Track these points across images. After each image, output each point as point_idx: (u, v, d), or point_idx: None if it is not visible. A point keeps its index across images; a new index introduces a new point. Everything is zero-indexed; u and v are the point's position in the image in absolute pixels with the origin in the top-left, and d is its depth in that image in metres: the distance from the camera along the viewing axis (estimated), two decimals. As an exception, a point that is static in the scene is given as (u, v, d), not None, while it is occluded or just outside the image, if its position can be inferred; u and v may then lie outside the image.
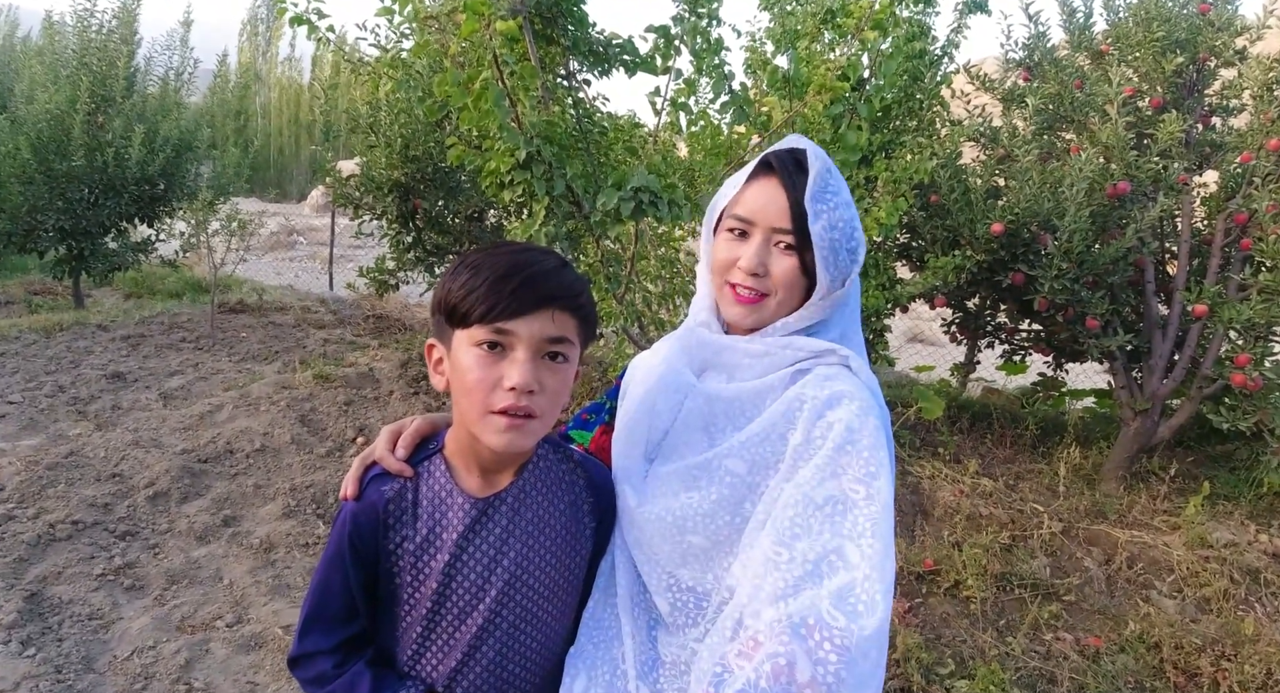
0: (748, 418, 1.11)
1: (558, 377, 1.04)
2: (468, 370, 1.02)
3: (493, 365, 1.01)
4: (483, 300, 0.99)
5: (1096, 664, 2.86)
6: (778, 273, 1.11)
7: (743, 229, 1.13)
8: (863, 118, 2.90)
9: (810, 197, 1.08)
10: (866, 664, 0.87)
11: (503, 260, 1.02)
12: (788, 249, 1.10)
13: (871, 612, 0.89)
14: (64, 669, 2.54)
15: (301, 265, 12.11)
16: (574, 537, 1.18)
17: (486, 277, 1.00)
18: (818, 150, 1.12)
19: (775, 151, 1.15)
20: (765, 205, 1.11)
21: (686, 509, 1.08)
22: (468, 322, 1.01)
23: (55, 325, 6.31)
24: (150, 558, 3.24)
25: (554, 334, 1.02)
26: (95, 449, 3.99)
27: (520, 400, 1.00)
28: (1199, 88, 4.28)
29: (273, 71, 28.75)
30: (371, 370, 5.34)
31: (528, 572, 1.12)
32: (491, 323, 1.00)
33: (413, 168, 5.89)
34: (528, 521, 1.13)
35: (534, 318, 1.00)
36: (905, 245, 4.93)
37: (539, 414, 1.03)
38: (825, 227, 1.09)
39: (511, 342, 1.01)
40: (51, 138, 6.81)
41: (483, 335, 1.01)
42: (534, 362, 1.01)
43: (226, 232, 6.67)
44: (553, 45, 2.28)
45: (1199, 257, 4.18)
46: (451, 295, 1.03)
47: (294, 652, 1.13)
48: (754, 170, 1.15)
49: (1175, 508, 3.94)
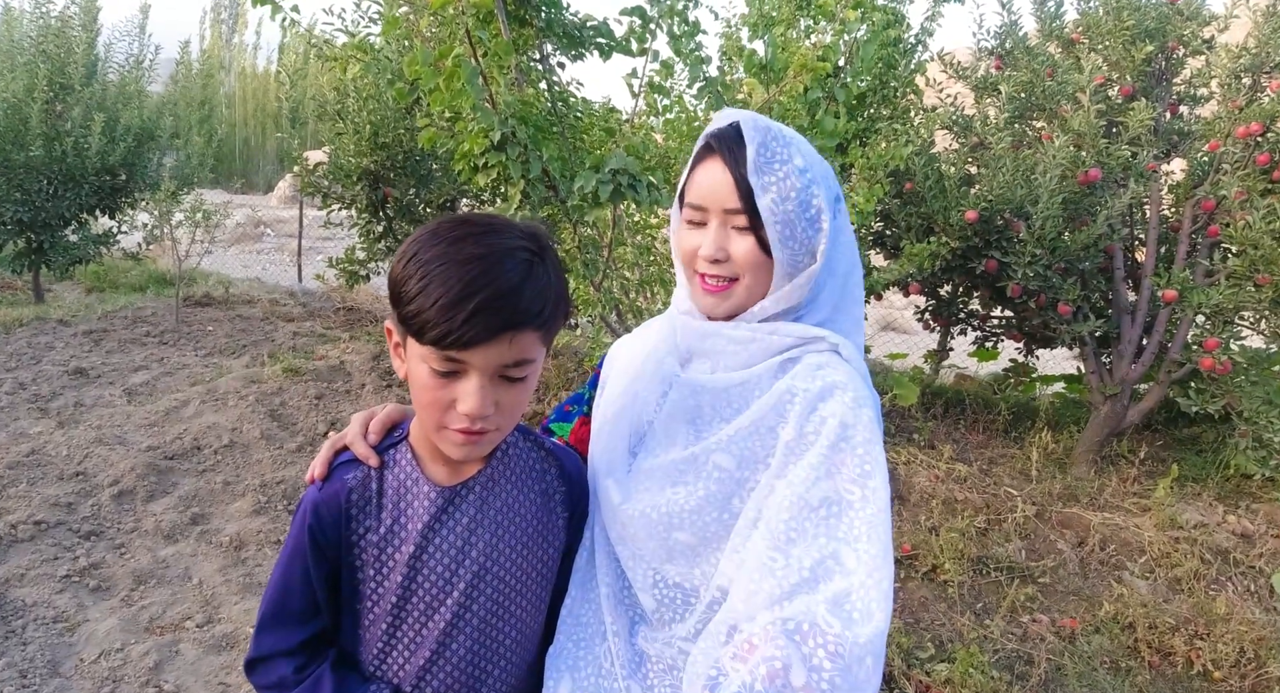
0: (735, 410, 1.07)
1: (515, 392, 0.98)
2: (420, 387, 0.96)
3: (445, 387, 0.95)
4: (433, 325, 0.90)
5: (1073, 645, 2.90)
6: (738, 254, 1.05)
7: (698, 217, 1.08)
8: (840, 104, 2.89)
9: (752, 169, 1.02)
10: (862, 672, 0.85)
11: (454, 274, 0.90)
12: (743, 230, 1.05)
13: (867, 619, 0.86)
14: (29, 674, 2.46)
15: (269, 258, 11.89)
16: (545, 527, 1.13)
17: (437, 298, 0.89)
18: (757, 120, 1.05)
19: (714, 130, 1.08)
20: (713, 188, 1.06)
21: (673, 506, 1.04)
22: (419, 336, 0.93)
23: (15, 321, 6.12)
24: (116, 558, 3.15)
25: (512, 359, 0.94)
26: (57, 447, 3.87)
27: (474, 425, 0.95)
28: (1168, 76, 4.33)
29: (237, 60, 28.15)
30: (343, 363, 5.25)
31: (497, 563, 1.08)
32: (443, 350, 0.91)
33: (382, 155, 5.78)
34: (496, 510, 1.09)
35: (490, 347, 0.91)
36: (880, 233, 4.95)
37: (496, 428, 0.99)
38: (775, 199, 1.02)
39: (465, 369, 0.93)
40: (8, 128, 6.59)
41: (433, 361, 0.93)
42: (490, 385, 0.95)
43: (191, 223, 6.52)
44: (526, 27, 2.23)
45: (1166, 243, 4.24)
46: (402, 299, 0.94)
47: (252, 654, 1.07)
48: (697, 153, 1.09)
49: (1145, 490, 4.00)
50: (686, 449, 1.07)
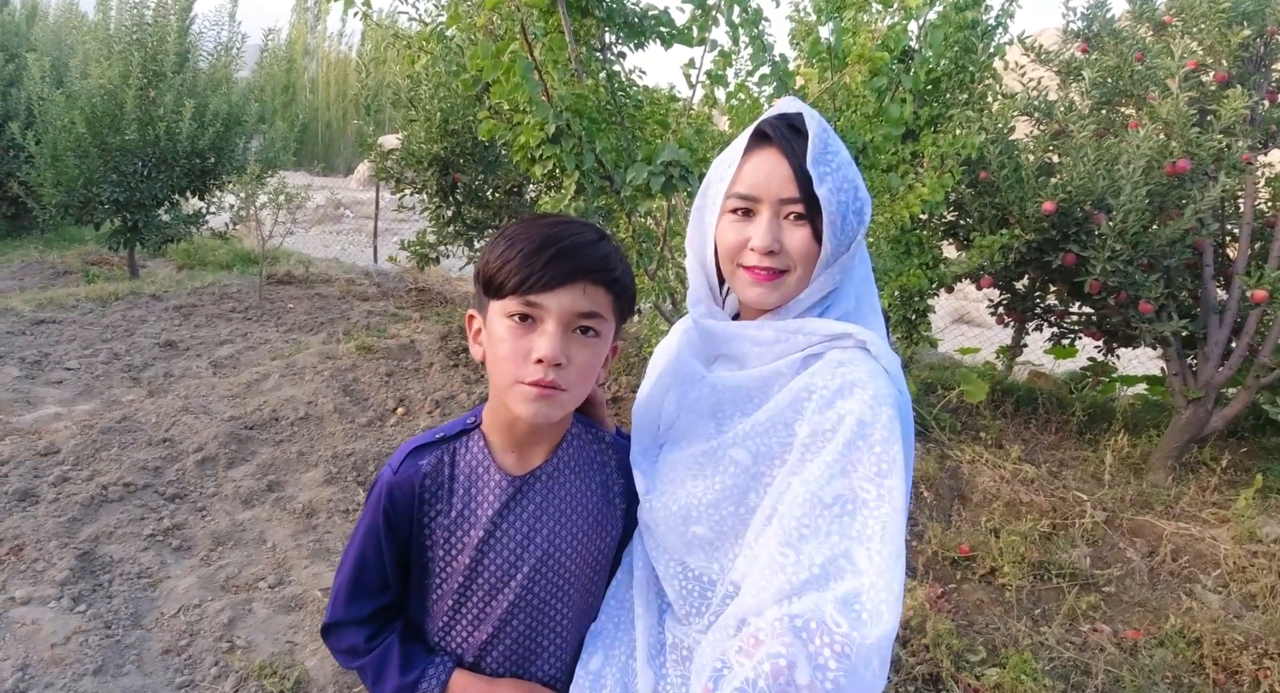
0: (756, 404, 1.07)
1: (588, 351, 1.04)
2: (499, 341, 1.03)
3: (523, 337, 1.01)
4: (515, 272, 1.00)
5: (1134, 658, 2.79)
6: (793, 246, 1.04)
7: (747, 207, 1.07)
8: (907, 90, 2.81)
9: (812, 160, 1.02)
10: (868, 674, 0.84)
11: (538, 232, 1.02)
12: (798, 219, 1.04)
13: (876, 621, 0.85)
14: (113, 625, 2.66)
15: (348, 238, 12.28)
16: (605, 518, 1.18)
17: (521, 248, 1.01)
18: (812, 111, 1.06)
19: (767, 119, 1.08)
20: (768, 177, 1.04)
21: (691, 499, 1.06)
22: (501, 293, 1.02)
23: (111, 295, 6.52)
24: (197, 520, 3.35)
25: (585, 308, 1.01)
26: (147, 415, 4.13)
27: (548, 375, 1.00)
28: (1266, 62, 4.06)
29: (321, 46, 29.01)
30: (413, 342, 5.42)
31: (559, 549, 1.13)
32: (523, 295, 1.00)
33: (452, 142, 5.91)
34: (561, 500, 1.14)
35: (564, 291, 1.00)
36: (952, 224, 4.80)
37: (567, 388, 1.03)
38: (831, 189, 1.02)
39: (541, 314, 1.01)
40: (105, 112, 6.97)
41: (514, 307, 1.01)
42: (563, 335, 1.01)
43: (274, 205, 6.80)
44: (587, 17, 2.25)
45: (1261, 240, 4.00)
46: (489, 266, 1.04)
47: (328, 620, 1.16)
48: (749, 144, 1.07)
49: (1225, 500, 3.80)
50: (708, 442, 1.08)
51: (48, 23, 11.56)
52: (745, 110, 2.82)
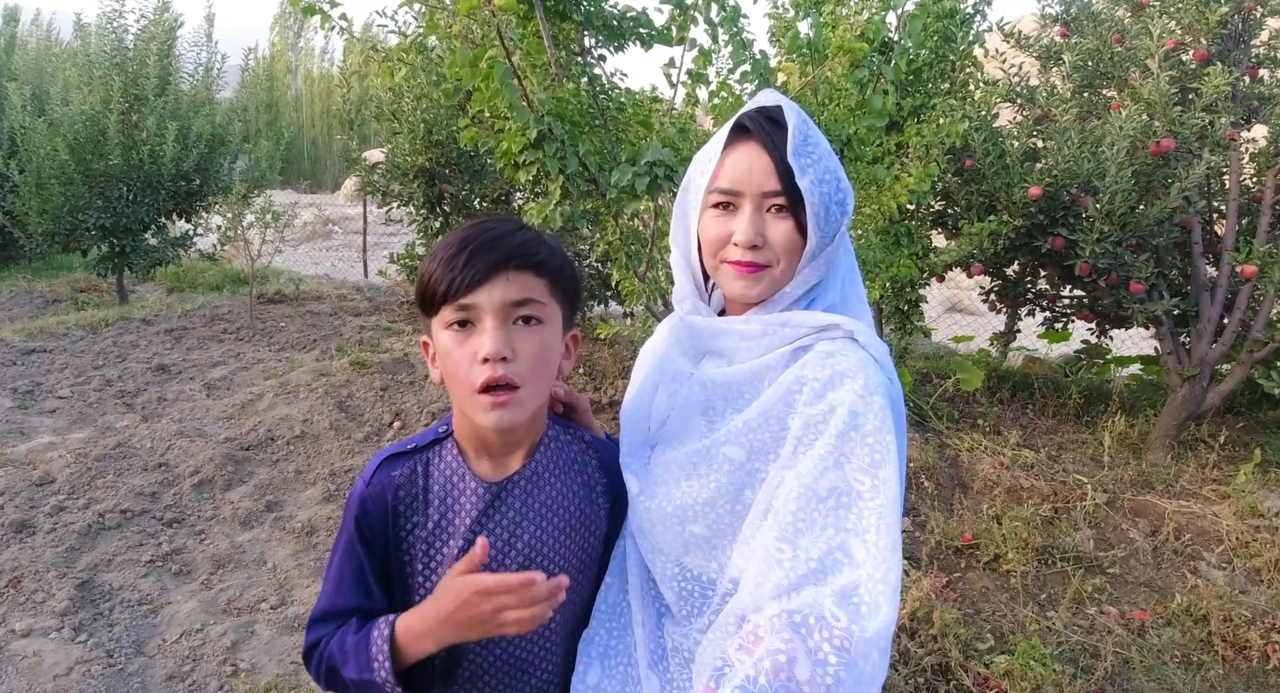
0: (746, 400, 1.06)
1: (534, 340, 1.02)
2: (446, 353, 1.02)
3: (465, 342, 1.01)
4: (440, 281, 1.00)
5: (1142, 638, 2.79)
6: (776, 239, 1.04)
7: (729, 201, 1.06)
8: (889, 81, 2.81)
9: (793, 152, 1.02)
10: (868, 667, 0.84)
11: (454, 238, 1.02)
12: (781, 212, 1.04)
13: (874, 614, 0.85)
14: (115, 654, 2.63)
15: (338, 254, 12.26)
16: (588, 518, 1.16)
17: (440, 257, 1.01)
18: (791, 103, 1.05)
19: (746, 113, 1.07)
20: (749, 170, 1.04)
21: (686, 499, 1.05)
22: (435, 307, 1.02)
23: (101, 321, 6.49)
24: (197, 544, 3.33)
25: (516, 297, 1.00)
26: (142, 440, 4.10)
27: (496, 371, 0.99)
28: (1245, 38, 4.07)
29: (304, 62, 29.01)
30: (406, 356, 5.40)
31: (542, 554, 1.11)
32: (454, 301, 1.00)
33: (437, 153, 5.91)
34: (541, 503, 1.12)
35: (491, 285, 0.99)
36: (940, 213, 4.80)
37: (521, 383, 1.01)
38: (814, 181, 1.02)
39: (477, 314, 1.00)
40: (88, 138, 6.94)
41: (450, 316, 1.01)
42: (502, 328, 1.00)
43: (262, 224, 6.78)
44: (565, 21, 2.24)
45: (1248, 215, 4.00)
46: (419, 286, 1.04)
47: (308, 644, 1.11)
48: (729, 138, 1.07)
49: (1225, 476, 3.81)
50: (700, 441, 1.07)
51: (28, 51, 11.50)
52: (728, 108, 2.81)
